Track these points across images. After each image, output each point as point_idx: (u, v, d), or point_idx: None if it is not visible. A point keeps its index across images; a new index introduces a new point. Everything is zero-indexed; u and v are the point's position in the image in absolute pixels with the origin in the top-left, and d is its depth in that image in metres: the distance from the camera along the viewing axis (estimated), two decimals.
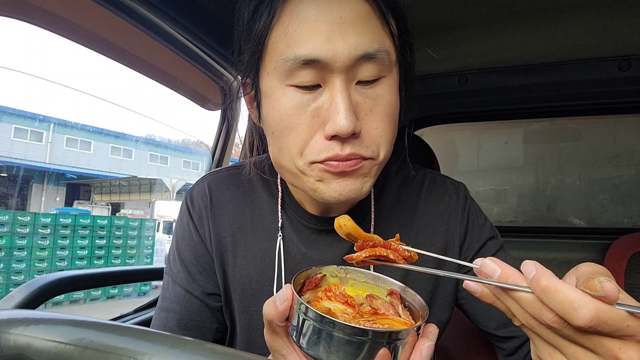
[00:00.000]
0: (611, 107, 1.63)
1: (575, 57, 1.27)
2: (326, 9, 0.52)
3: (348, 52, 0.52)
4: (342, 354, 0.41)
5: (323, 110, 0.54)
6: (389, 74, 0.57)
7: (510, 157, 2.13)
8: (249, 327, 0.70)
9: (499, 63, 1.34)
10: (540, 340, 0.40)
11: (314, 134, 0.55)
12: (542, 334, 0.39)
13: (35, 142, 17.62)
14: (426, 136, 1.65)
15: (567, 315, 0.35)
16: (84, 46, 0.96)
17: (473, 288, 0.42)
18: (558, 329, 0.36)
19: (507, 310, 0.41)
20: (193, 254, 0.72)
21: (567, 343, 0.38)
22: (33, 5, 0.81)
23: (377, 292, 0.54)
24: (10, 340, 0.32)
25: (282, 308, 0.45)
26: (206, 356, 0.29)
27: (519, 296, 0.38)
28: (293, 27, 0.53)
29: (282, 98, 0.55)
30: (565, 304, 0.35)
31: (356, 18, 0.53)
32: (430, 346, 0.44)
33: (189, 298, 0.70)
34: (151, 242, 8.79)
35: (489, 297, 0.42)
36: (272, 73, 0.56)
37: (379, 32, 0.55)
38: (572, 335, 0.36)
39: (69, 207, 17.15)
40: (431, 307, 0.69)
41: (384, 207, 0.72)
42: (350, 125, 0.51)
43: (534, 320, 0.38)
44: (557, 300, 0.35)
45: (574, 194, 2.01)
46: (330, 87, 0.54)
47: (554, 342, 0.38)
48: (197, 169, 22.40)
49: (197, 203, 0.74)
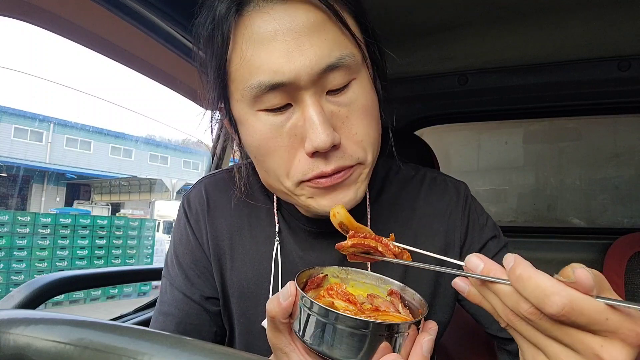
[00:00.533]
0: (611, 107, 1.63)
1: (575, 57, 1.27)
2: (279, 27, 0.50)
3: (310, 67, 0.50)
4: (345, 346, 0.42)
5: (298, 129, 0.53)
6: (359, 75, 0.55)
7: (510, 157, 2.13)
8: (247, 331, 0.69)
9: (499, 63, 1.34)
10: (524, 341, 0.39)
11: (296, 153, 0.54)
12: (523, 331, 0.38)
13: (35, 142, 17.62)
14: (426, 136, 1.65)
15: (540, 304, 0.34)
16: (84, 46, 0.96)
17: (461, 287, 0.42)
18: (535, 322, 0.36)
19: (492, 309, 0.40)
20: (191, 257, 0.72)
21: (548, 341, 0.37)
22: (33, 5, 0.81)
23: (377, 292, 0.54)
24: (10, 340, 0.32)
25: (286, 304, 0.45)
26: (206, 356, 0.29)
27: (498, 289, 0.38)
28: (249, 52, 0.52)
29: (255, 124, 0.55)
30: (538, 292, 0.34)
31: (311, 30, 0.51)
32: (430, 340, 0.44)
33: (187, 302, 0.70)
34: (151, 242, 8.80)
35: (476, 296, 0.41)
36: (241, 100, 0.55)
37: (339, 38, 0.53)
38: (549, 329, 0.35)
39: (69, 207, 17.16)
40: (432, 307, 0.69)
41: (382, 208, 0.72)
42: (327, 139, 0.50)
43: (514, 315, 0.37)
44: (531, 288, 0.34)
45: (574, 194, 2.01)
46: (301, 105, 0.53)
47: (535, 340, 0.37)
48: (197, 169, 22.39)
49: (194, 206, 0.73)
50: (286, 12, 0.51)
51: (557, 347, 0.36)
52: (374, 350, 0.42)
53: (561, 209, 2.02)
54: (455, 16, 1.07)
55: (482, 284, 0.39)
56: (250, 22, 0.52)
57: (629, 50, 1.21)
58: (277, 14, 0.51)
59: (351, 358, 0.42)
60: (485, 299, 0.40)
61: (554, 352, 0.36)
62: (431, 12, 1.05)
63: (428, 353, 0.44)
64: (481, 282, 0.39)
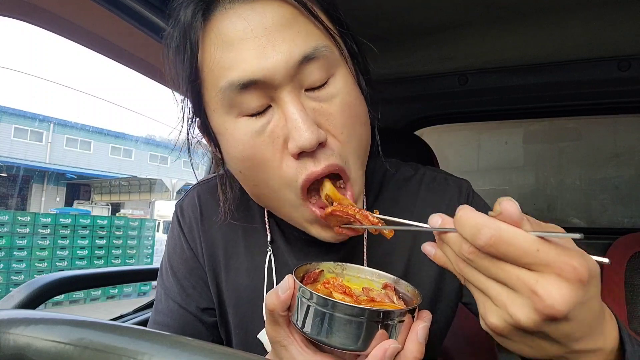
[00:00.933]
0: (611, 107, 1.63)
1: (575, 57, 1.27)
2: (248, 25, 0.49)
3: (285, 61, 0.48)
4: (343, 334, 0.43)
5: (280, 129, 0.50)
6: (338, 70, 0.53)
7: (510, 157, 2.13)
8: (244, 342, 0.68)
9: (499, 63, 1.34)
10: (475, 290, 0.39)
11: (282, 156, 0.51)
12: (469, 277, 0.38)
13: (35, 142, 17.63)
14: (426, 136, 1.65)
15: (474, 239, 0.34)
16: (84, 46, 0.96)
17: (428, 250, 0.43)
18: (475, 262, 0.36)
19: (451, 265, 0.40)
20: (186, 268, 0.70)
21: (490, 282, 0.36)
22: (33, 5, 0.81)
23: (372, 286, 0.55)
24: (10, 340, 0.32)
25: (284, 297, 0.45)
26: (206, 356, 0.29)
27: (448, 239, 0.38)
28: (219, 54, 0.50)
29: (235, 132, 0.52)
30: (472, 229, 0.35)
31: (282, 24, 0.49)
32: (425, 327, 0.45)
33: (183, 313, 0.68)
34: (151, 242, 8.80)
35: (441, 258, 0.41)
36: (217, 108, 0.52)
37: (312, 31, 0.51)
38: (487, 267, 0.35)
39: (69, 207, 17.16)
40: (434, 311, 0.67)
41: (380, 210, 0.71)
42: (312, 136, 0.48)
43: (462, 262, 0.38)
44: (468, 227, 0.35)
45: (574, 194, 2.01)
46: (279, 104, 0.50)
47: (480, 285, 0.37)
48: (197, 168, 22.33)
49: (188, 215, 0.71)
50: (254, 11, 0.49)
51: (498, 288, 0.36)
52: (371, 337, 0.43)
53: (561, 209, 2.02)
54: (455, 16, 1.07)
55: (439, 241, 0.40)
56: (218, 24, 0.50)
57: (629, 50, 1.21)
58: (245, 12, 0.49)
59: (349, 345, 0.43)
60: (446, 256, 0.41)
61: (497, 294, 0.36)
62: (431, 12, 1.05)
63: (423, 339, 0.44)
64: (439, 240, 0.40)
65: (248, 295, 0.67)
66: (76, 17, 0.88)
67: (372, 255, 0.67)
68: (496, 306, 0.36)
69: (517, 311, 0.34)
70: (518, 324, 0.34)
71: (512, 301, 0.35)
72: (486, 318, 0.37)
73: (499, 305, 0.36)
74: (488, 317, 0.37)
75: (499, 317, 0.36)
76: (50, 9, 0.84)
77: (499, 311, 0.36)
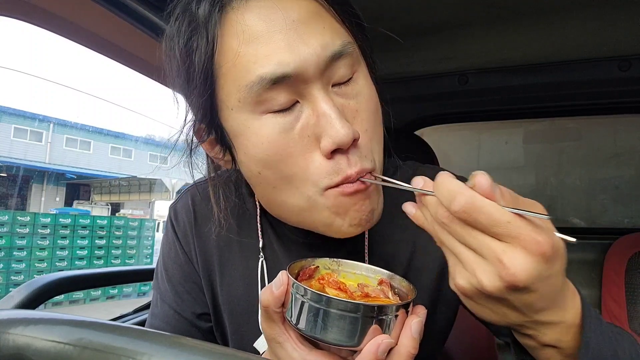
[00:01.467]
0: (611, 107, 1.63)
1: (575, 57, 1.27)
2: (274, 17, 0.47)
3: (317, 55, 0.47)
4: (337, 329, 0.43)
5: (311, 128, 0.48)
6: (359, 67, 0.52)
7: (510, 157, 2.13)
8: (240, 348, 0.67)
9: (499, 63, 1.34)
10: (448, 253, 0.41)
11: (312, 157, 0.49)
12: (444, 240, 0.40)
13: (35, 142, 17.63)
14: (426, 136, 1.65)
15: (449, 204, 0.37)
16: (84, 46, 0.96)
17: (408, 210, 0.44)
18: (449, 226, 0.38)
19: (427, 224, 0.42)
20: (180, 273, 0.69)
21: (462, 247, 0.39)
22: (33, 5, 0.81)
23: (368, 282, 0.55)
24: (9, 340, 0.32)
25: (278, 293, 0.45)
26: (206, 356, 0.29)
27: (427, 201, 0.40)
28: (243, 48, 0.47)
29: (260, 130, 0.49)
30: (448, 194, 0.37)
31: (308, 18, 0.48)
32: (419, 322, 0.44)
33: (178, 318, 0.68)
34: (151, 242, 8.79)
35: (419, 218, 0.43)
36: (238, 106, 0.49)
37: (336, 27, 0.50)
38: (460, 232, 0.38)
39: (68, 207, 17.16)
40: (434, 315, 0.67)
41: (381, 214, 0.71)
42: (349, 132, 0.46)
43: (438, 225, 0.40)
44: (444, 192, 0.37)
45: (574, 194, 2.01)
46: (309, 100, 0.48)
47: (453, 249, 0.40)
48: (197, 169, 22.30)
49: (182, 218, 0.70)
50: (277, 4, 0.48)
51: (469, 254, 0.38)
52: (365, 332, 0.43)
53: (561, 209, 2.02)
54: (455, 16, 1.07)
55: (419, 203, 0.43)
56: (239, 17, 0.48)
57: (629, 50, 1.21)
58: (269, 5, 0.47)
59: (343, 341, 0.43)
60: (424, 217, 0.43)
61: (467, 259, 0.38)
62: (431, 12, 1.05)
63: (417, 335, 0.44)
64: (419, 202, 0.43)
65: (243, 303, 0.66)
66: (76, 17, 0.88)
67: (373, 257, 0.66)
68: (465, 270, 0.39)
69: (483, 276, 0.37)
70: (483, 289, 0.37)
71: (479, 266, 0.37)
72: (455, 279, 0.40)
73: (467, 269, 0.39)
74: (457, 278, 0.40)
75: (466, 280, 0.39)
76: (50, 9, 0.84)
77: (467, 274, 0.39)
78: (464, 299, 0.41)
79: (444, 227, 0.39)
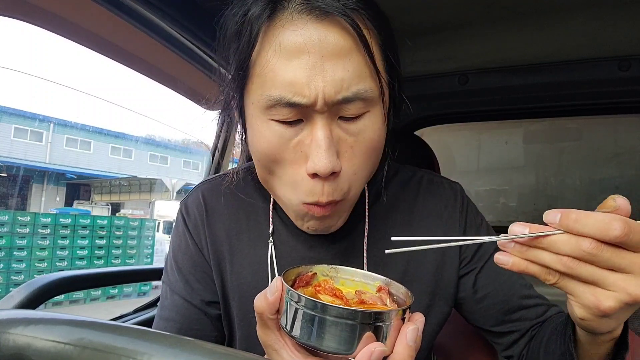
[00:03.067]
0: (611, 107, 1.63)
1: (575, 57, 1.27)
2: (307, 44, 0.51)
3: (328, 95, 0.51)
4: (331, 337, 0.42)
5: (304, 146, 0.54)
6: (373, 109, 0.56)
7: (510, 157, 2.13)
8: (248, 335, 0.69)
9: (499, 63, 1.34)
10: (580, 285, 0.43)
11: (299, 170, 0.56)
12: (582, 273, 0.41)
13: (35, 142, 17.62)
14: (426, 136, 1.65)
15: (604, 233, 0.39)
16: (84, 46, 0.96)
17: (503, 260, 0.45)
18: (597, 255, 0.40)
19: (540, 270, 0.43)
20: (190, 262, 0.72)
21: (607, 273, 0.41)
22: (33, 5, 0.81)
23: (367, 289, 0.54)
24: (10, 340, 0.32)
25: (273, 299, 0.45)
26: (206, 356, 0.29)
27: (551, 241, 0.42)
28: (274, 61, 0.52)
29: (265, 131, 0.55)
30: (599, 224, 0.39)
31: (338, 55, 0.51)
32: (415, 329, 0.44)
33: (187, 307, 0.70)
34: (151, 242, 8.80)
35: (520, 263, 0.44)
36: (256, 104, 0.56)
37: (362, 70, 0.53)
38: (609, 258, 0.40)
39: (68, 207, 17.16)
40: (431, 307, 0.70)
41: (381, 210, 0.72)
42: (329, 165, 0.52)
43: (573, 260, 0.41)
44: (591, 224, 0.40)
45: (575, 194, 2.01)
46: (311, 123, 0.54)
47: (593, 278, 0.41)
48: (197, 169, 22.39)
49: (192, 212, 0.73)
50: (317, 31, 0.51)
51: (615, 276, 0.41)
52: (360, 340, 0.42)
53: None
54: (455, 16, 1.07)
55: (529, 247, 0.43)
56: (280, 31, 0.52)
57: (629, 50, 1.21)
58: (309, 30, 0.51)
59: (338, 349, 0.42)
60: (533, 261, 0.43)
61: (613, 282, 0.41)
62: (431, 12, 1.05)
63: (413, 342, 0.44)
64: (528, 245, 0.43)
65: (252, 289, 0.68)
66: (76, 17, 0.88)
67: (373, 249, 0.69)
68: (612, 291, 0.41)
69: (634, 290, 0.40)
70: (636, 301, 0.41)
71: (631, 282, 0.41)
72: (600, 304, 0.42)
73: (616, 290, 0.41)
74: (603, 303, 0.42)
75: (616, 299, 0.41)
76: (50, 9, 0.84)
77: (615, 295, 0.41)
78: (597, 319, 0.44)
79: (586, 261, 0.41)
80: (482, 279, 0.71)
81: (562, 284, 0.43)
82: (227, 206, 0.73)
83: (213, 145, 1.46)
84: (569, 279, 0.43)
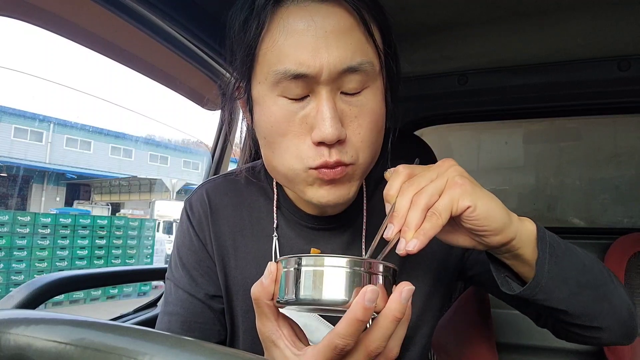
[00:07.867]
0: (611, 107, 1.63)
1: (575, 57, 1.27)
2: (312, 23, 0.55)
3: (333, 65, 0.55)
4: (330, 287, 0.44)
5: (310, 118, 0.58)
6: (373, 83, 0.60)
7: (510, 157, 2.13)
8: (252, 328, 0.70)
9: (499, 63, 1.34)
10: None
11: (304, 139, 0.59)
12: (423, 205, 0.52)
13: (35, 142, 17.61)
14: (426, 136, 1.65)
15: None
16: (84, 46, 0.96)
17: (410, 251, 0.50)
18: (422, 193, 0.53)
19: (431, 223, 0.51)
20: (194, 258, 0.73)
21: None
22: (33, 5, 0.81)
23: None
24: (10, 340, 0.32)
25: (268, 281, 0.47)
26: (206, 356, 0.29)
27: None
28: (281, 39, 0.56)
29: (272, 107, 0.59)
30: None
31: (340, 32, 0.56)
32: (410, 290, 0.44)
33: (192, 301, 0.71)
34: (151, 242, 8.80)
35: (420, 239, 0.50)
36: (263, 82, 0.59)
37: (363, 45, 0.58)
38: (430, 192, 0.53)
39: (68, 207, 17.16)
40: (431, 300, 0.73)
41: (378, 204, 0.73)
42: (335, 132, 0.55)
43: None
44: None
45: (574, 194, 2.01)
46: (316, 97, 0.57)
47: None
48: (197, 169, 22.39)
49: (197, 209, 0.75)
50: (320, 12, 0.56)
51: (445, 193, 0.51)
52: (355, 288, 0.43)
53: (561, 209, 2.02)
54: (455, 16, 1.07)
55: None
56: (286, 15, 0.57)
57: (629, 50, 1.21)
58: (312, 11, 0.56)
59: (335, 301, 0.43)
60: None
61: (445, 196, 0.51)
62: (431, 11, 1.05)
63: (405, 302, 0.44)
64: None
65: (255, 282, 0.69)
66: (76, 17, 0.88)
67: (371, 242, 0.69)
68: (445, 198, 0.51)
69: (454, 194, 0.51)
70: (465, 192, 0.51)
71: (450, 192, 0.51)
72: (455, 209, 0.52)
73: (446, 196, 0.51)
74: (456, 206, 0.51)
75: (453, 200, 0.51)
76: (50, 9, 0.84)
77: (449, 198, 0.51)
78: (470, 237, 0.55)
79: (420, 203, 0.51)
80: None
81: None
82: (230, 204, 0.75)
83: (213, 145, 1.46)
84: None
